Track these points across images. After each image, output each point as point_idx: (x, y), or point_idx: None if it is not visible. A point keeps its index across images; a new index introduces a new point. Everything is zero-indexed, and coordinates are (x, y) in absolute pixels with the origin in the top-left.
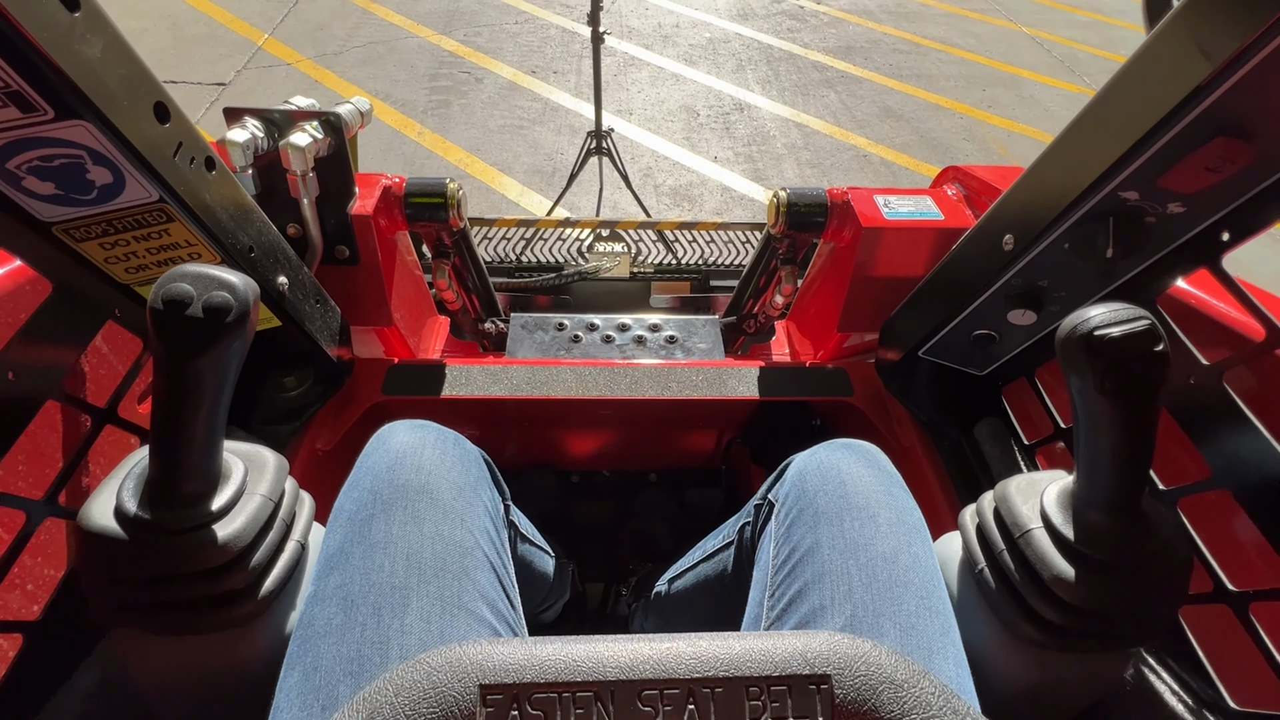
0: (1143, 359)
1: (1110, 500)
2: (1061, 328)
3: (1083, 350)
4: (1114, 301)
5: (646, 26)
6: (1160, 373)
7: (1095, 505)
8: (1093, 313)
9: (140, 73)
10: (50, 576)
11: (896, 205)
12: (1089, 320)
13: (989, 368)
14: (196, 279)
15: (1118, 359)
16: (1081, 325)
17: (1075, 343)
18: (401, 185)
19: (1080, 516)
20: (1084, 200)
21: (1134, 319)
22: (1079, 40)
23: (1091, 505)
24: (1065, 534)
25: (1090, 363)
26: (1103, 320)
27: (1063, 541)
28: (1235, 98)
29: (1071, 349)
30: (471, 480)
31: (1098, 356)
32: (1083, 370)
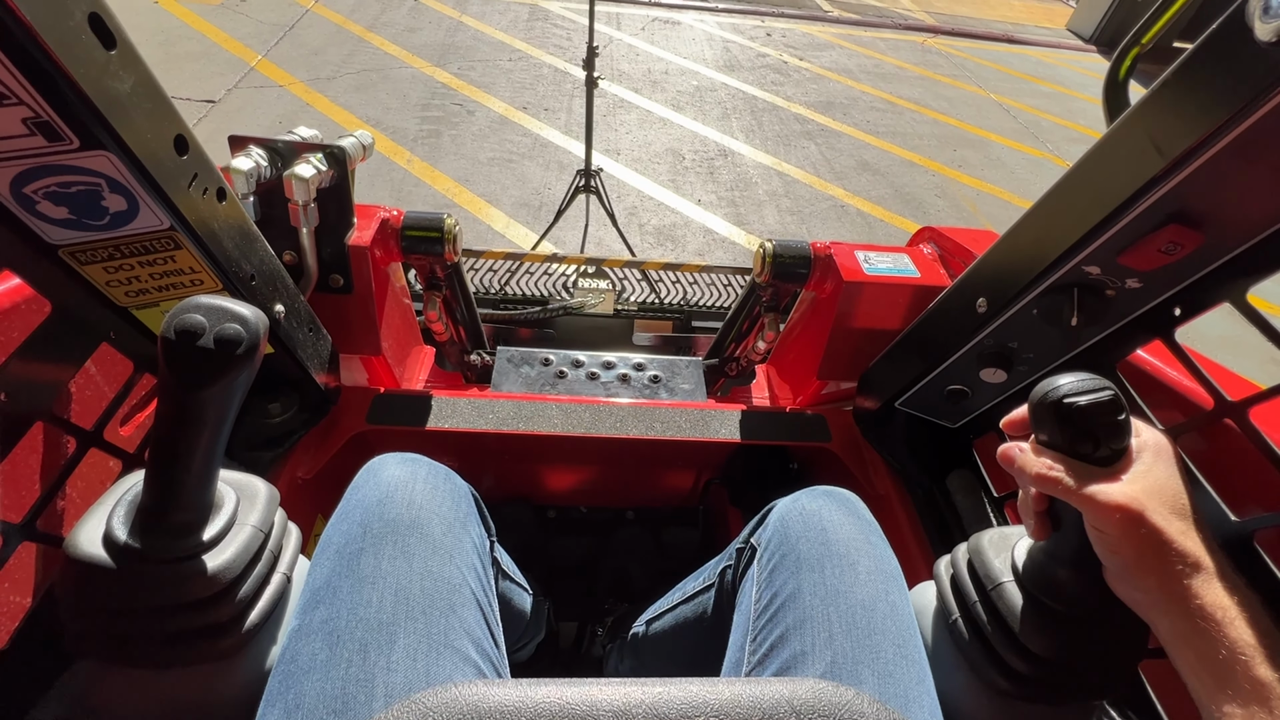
0: (1106, 427)
1: (1075, 558)
2: (1034, 393)
3: (1052, 415)
4: (1081, 371)
5: (637, 71)
6: (1121, 440)
7: (1062, 562)
8: (1062, 381)
9: (165, 107)
10: (18, 604)
11: (876, 261)
12: (1059, 388)
13: (961, 421)
14: (209, 311)
15: (1083, 425)
16: (1052, 392)
17: (1046, 407)
18: (399, 218)
19: (1048, 572)
20: (1051, 271)
21: (1099, 389)
22: (1042, 109)
23: (1059, 561)
24: (1034, 588)
25: (1059, 427)
26: (1071, 388)
27: (1031, 595)
28: (1186, 190)
29: (1042, 413)
30: (461, 516)
31: (1066, 422)
32: (1051, 433)
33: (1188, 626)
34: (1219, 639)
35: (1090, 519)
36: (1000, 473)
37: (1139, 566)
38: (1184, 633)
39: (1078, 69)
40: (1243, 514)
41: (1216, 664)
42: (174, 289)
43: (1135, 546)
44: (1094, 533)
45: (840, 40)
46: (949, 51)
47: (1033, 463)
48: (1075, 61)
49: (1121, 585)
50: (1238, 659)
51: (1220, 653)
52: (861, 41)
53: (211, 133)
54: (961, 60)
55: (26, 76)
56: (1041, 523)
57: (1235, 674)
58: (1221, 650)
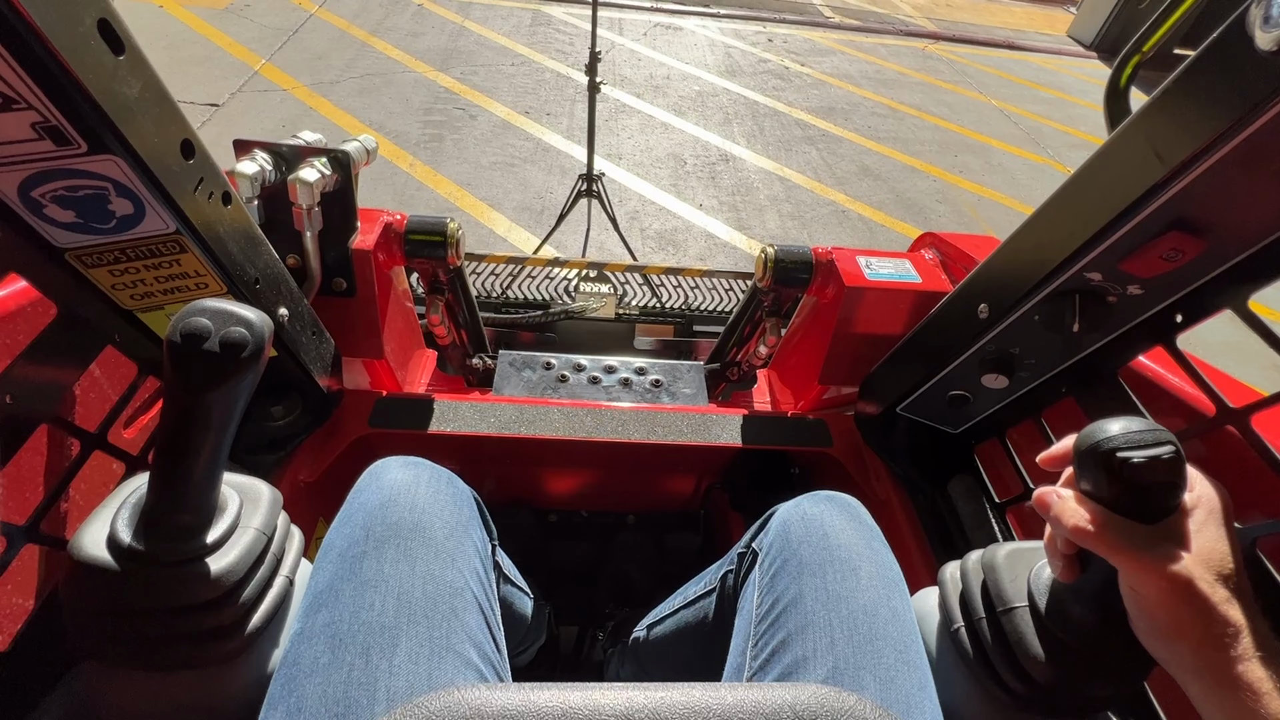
0: (1161, 487)
1: (1099, 600)
2: (1083, 436)
3: (1101, 466)
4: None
5: (639, 76)
6: (1174, 499)
7: (1083, 600)
8: (1114, 428)
9: (172, 112)
10: (21, 606)
11: (878, 266)
12: (1113, 437)
13: (963, 426)
14: (215, 314)
15: (1136, 483)
16: (1106, 441)
17: (1096, 457)
18: (403, 222)
19: (1066, 607)
20: (1053, 278)
21: (1159, 444)
22: (1043, 115)
23: (1079, 598)
24: (1049, 620)
25: (1109, 481)
26: (1127, 440)
27: (1044, 626)
28: (1187, 197)
29: (1090, 461)
30: (463, 520)
31: (1116, 476)
32: (1098, 485)
33: (1222, 695)
34: (1255, 709)
35: (1128, 579)
36: (1002, 478)
37: (1175, 633)
38: (1218, 701)
39: (1078, 75)
40: (1245, 521)
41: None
42: (179, 292)
43: (1175, 614)
44: (1130, 592)
45: (841, 46)
46: (950, 57)
47: (1071, 513)
48: (1076, 68)
49: (1154, 645)
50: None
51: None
52: (863, 47)
53: (215, 136)
54: (963, 66)
55: (36, 81)
56: (1070, 565)
57: None
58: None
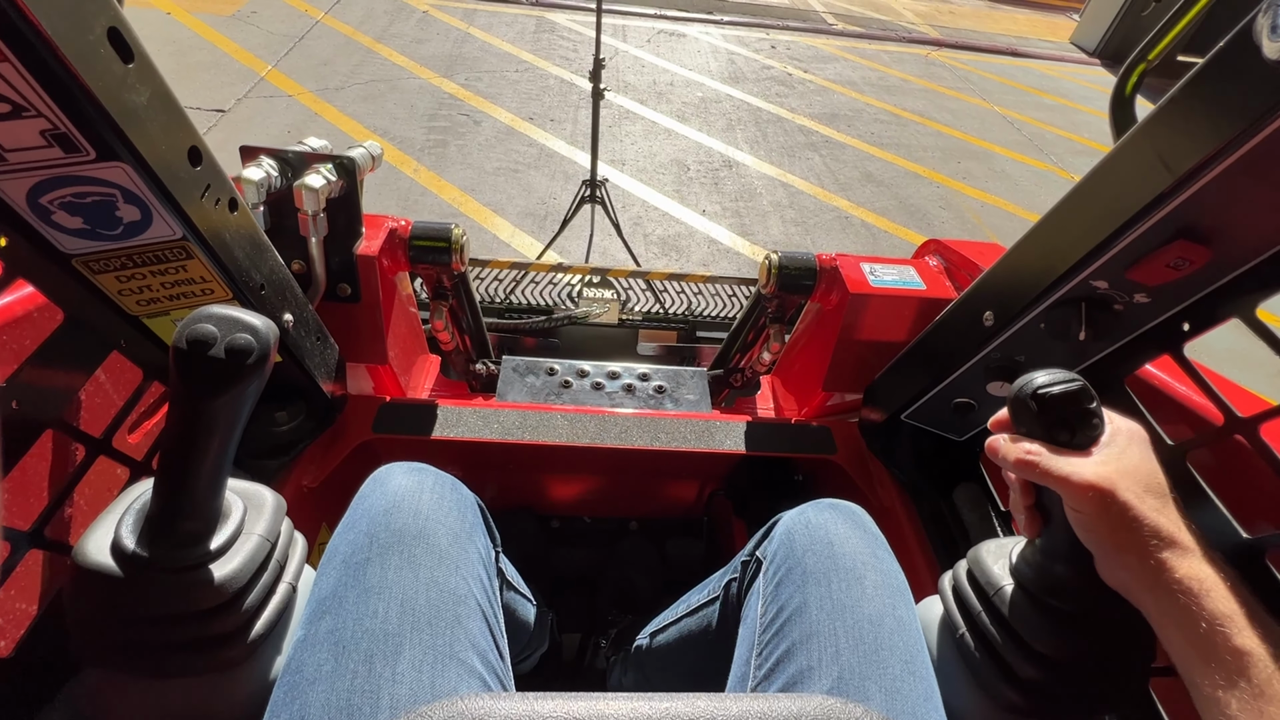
0: (1078, 413)
1: (1069, 552)
2: (1012, 388)
3: (1029, 406)
4: (1054, 368)
5: (642, 83)
6: (1094, 426)
7: (1056, 558)
8: (1037, 375)
9: (179, 119)
10: (24, 611)
11: (882, 273)
12: (1033, 381)
13: (968, 434)
14: (221, 321)
15: (1057, 412)
16: (1027, 385)
17: (1022, 400)
18: (407, 228)
19: (1045, 570)
20: (1058, 286)
21: (1070, 380)
22: (1046, 121)
23: (1053, 558)
24: (1033, 588)
25: (1036, 416)
26: (1045, 381)
27: (1032, 595)
28: (1194, 205)
29: (1019, 405)
30: (467, 527)
31: (1041, 410)
32: (1029, 423)
33: (1168, 602)
34: (1198, 611)
35: (1067, 500)
36: (1007, 487)
37: (1115, 544)
38: (1167, 608)
39: (1082, 82)
40: (1254, 531)
41: (1198, 638)
42: (185, 298)
43: (1109, 523)
44: (1072, 514)
45: (844, 53)
46: (953, 64)
47: (1013, 449)
48: (1079, 75)
49: (1106, 569)
50: (1216, 630)
51: (1200, 626)
52: (866, 54)
53: (221, 141)
54: (966, 73)
55: (45, 89)
56: (1031, 517)
57: (1216, 646)
58: (1201, 623)
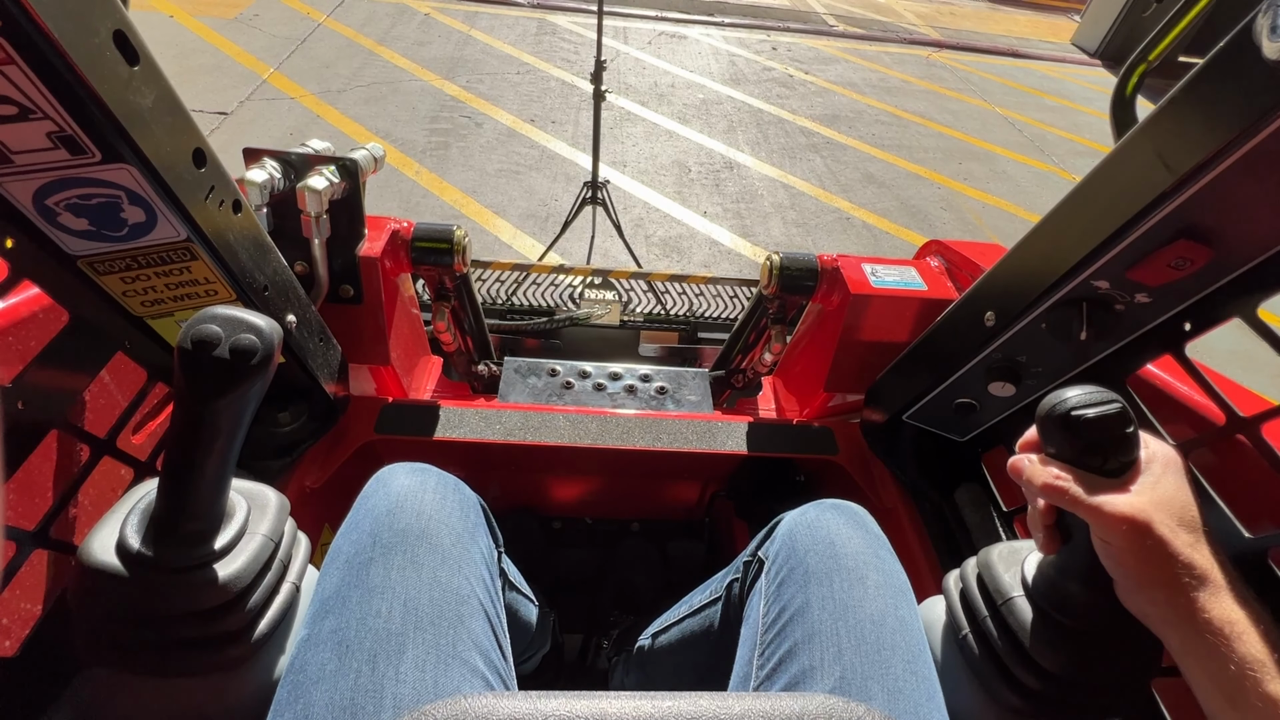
0: (1114, 439)
1: (1086, 572)
2: (1041, 405)
3: (1060, 427)
4: (1089, 384)
5: (643, 85)
6: (1130, 452)
7: (1072, 576)
8: (1070, 393)
9: (184, 121)
10: (29, 611)
11: (883, 274)
12: (1066, 400)
13: (969, 434)
14: (225, 321)
15: (1092, 437)
16: (1060, 404)
17: (1054, 420)
18: (409, 230)
19: (1059, 586)
20: (1060, 286)
21: (1107, 401)
22: (1048, 122)
23: (1069, 576)
24: (1044, 603)
25: (1068, 439)
26: (1079, 401)
27: (1041, 610)
28: (1195, 205)
29: (1050, 425)
30: (470, 527)
31: (1075, 434)
32: (1060, 445)
33: (1196, 641)
34: (1228, 654)
35: (1096, 529)
36: (1009, 487)
37: (1145, 578)
38: (1193, 648)
39: (1083, 83)
40: (1256, 531)
41: (1226, 679)
42: (189, 299)
43: (1141, 558)
44: (1100, 544)
45: (846, 54)
46: (954, 65)
47: (1040, 473)
48: (1080, 75)
49: (1131, 599)
50: (1246, 675)
51: (1230, 668)
52: (867, 55)
53: (224, 144)
54: (967, 74)
55: (52, 92)
56: (1050, 536)
57: (1245, 690)
58: (1231, 665)
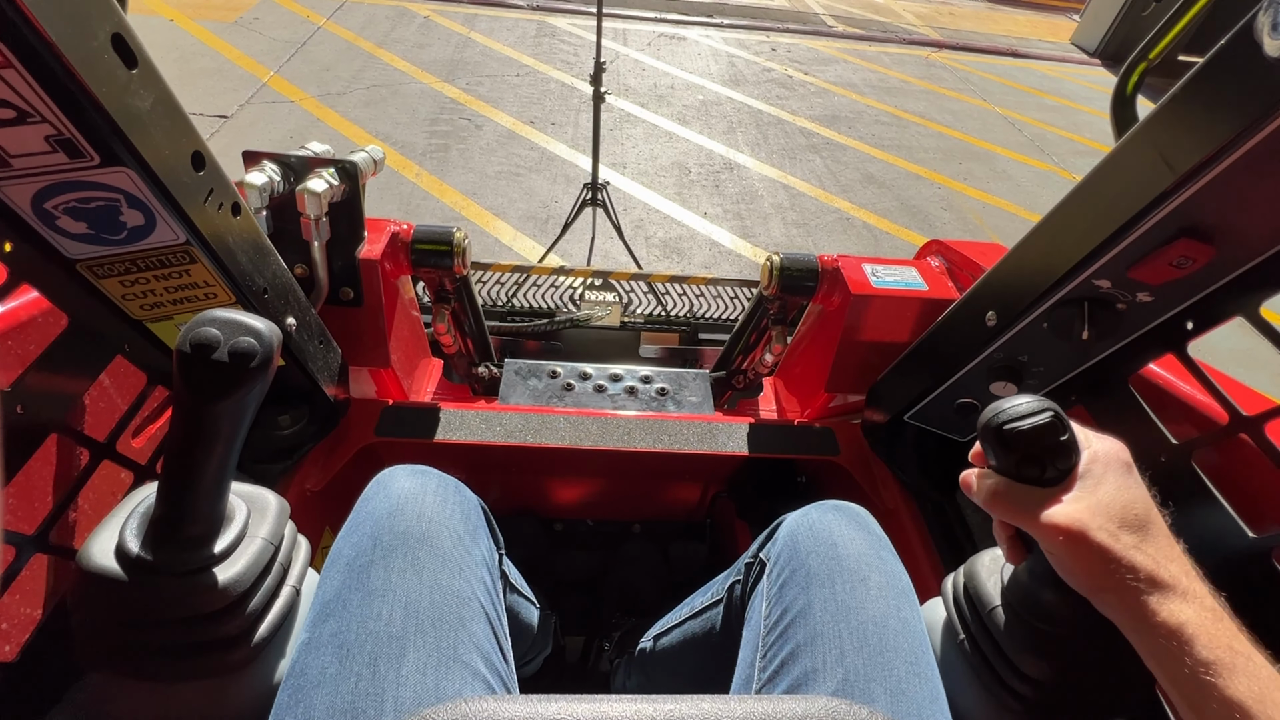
0: (1049, 449)
1: (1054, 578)
2: (980, 418)
3: (994, 440)
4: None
5: (643, 86)
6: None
7: (1043, 583)
8: (1005, 405)
9: (183, 124)
10: (28, 616)
11: (884, 274)
12: (1001, 413)
13: (971, 435)
14: (224, 324)
15: (1026, 450)
16: (995, 418)
17: (989, 433)
18: (409, 232)
19: (1034, 594)
20: (1061, 285)
21: (1040, 411)
22: (1048, 122)
23: (1040, 583)
24: (1021, 611)
25: (1004, 453)
26: (1012, 414)
27: (1020, 618)
28: (1196, 204)
29: (987, 439)
30: (470, 529)
31: (1009, 447)
32: (999, 458)
33: (1152, 644)
34: (1182, 657)
35: (1039, 540)
36: None
37: (1092, 585)
38: (1149, 651)
39: (1083, 82)
40: (1260, 530)
41: (1185, 683)
42: (188, 302)
43: (1084, 566)
44: (1048, 553)
45: (845, 55)
46: (954, 66)
47: (980, 488)
48: (1080, 75)
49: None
50: (1202, 679)
51: (1185, 671)
52: (866, 56)
53: (224, 147)
54: (966, 74)
55: (50, 95)
56: (1013, 546)
57: (1205, 694)
58: (1185, 669)
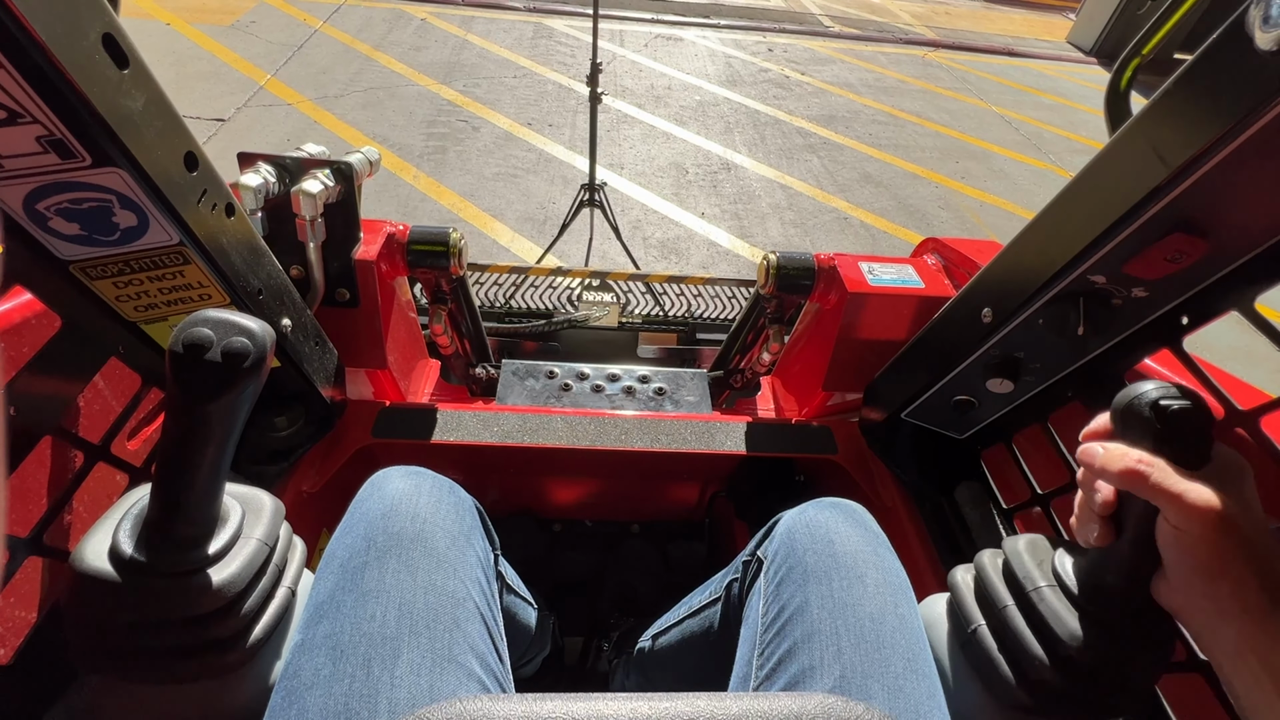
0: (1196, 433)
1: (1128, 565)
2: (1120, 397)
3: (1145, 419)
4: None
5: (640, 87)
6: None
7: (1112, 568)
8: (1148, 386)
9: (175, 124)
10: (23, 619)
11: (880, 272)
12: (1148, 392)
13: (968, 432)
14: (217, 324)
15: (1177, 428)
16: (1143, 395)
17: (1136, 409)
18: (405, 232)
19: (1095, 577)
20: (1056, 281)
21: (1188, 396)
22: (1044, 121)
23: (1107, 568)
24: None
25: (1153, 429)
26: (1163, 394)
27: (1074, 600)
28: (1190, 198)
29: (1131, 416)
30: (465, 529)
31: (1162, 423)
32: (1140, 437)
33: (1259, 636)
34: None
35: (1175, 517)
36: (1009, 484)
37: (1215, 571)
38: (1254, 643)
39: (1079, 81)
40: None
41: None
42: (182, 303)
43: (1219, 549)
44: (1172, 532)
45: (842, 55)
46: (950, 65)
47: (1121, 458)
48: (1076, 74)
49: (1184, 592)
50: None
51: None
52: (863, 56)
53: (221, 150)
54: (963, 73)
55: (41, 95)
56: (1106, 527)
57: None
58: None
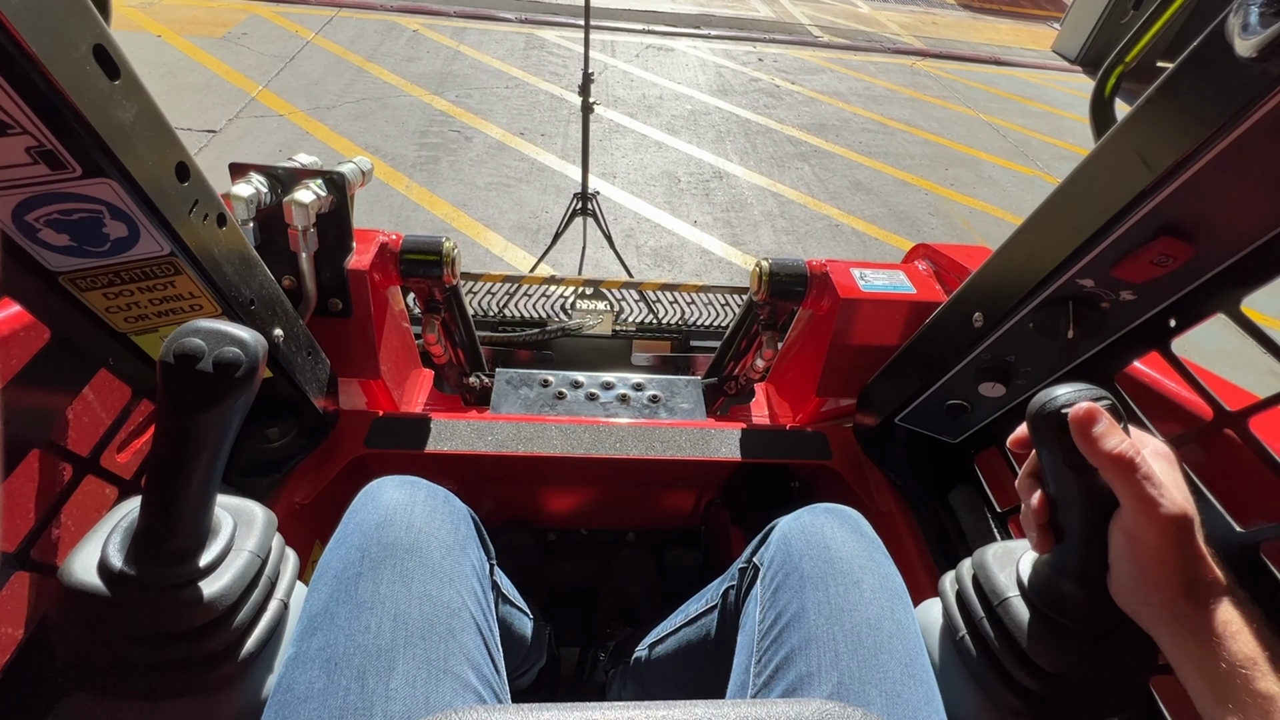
0: None
1: (1080, 571)
2: (1031, 404)
3: (1051, 426)
4: (1078, 381)
5: (631, 97)
6: None
7: (1067, 575)
8: (1059, 391)
9: (166, 135)
10: (10, 635)
11: (872, 278)
12: (1056, 398)
13: (962, 436)
14: (209, 335)
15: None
16: (1050, 403)
17: (1044, 419)
18: (398, 242)
19: (1054, 586)
20: (1045, 285)
21: (1097, 399)
22: (1031, 128)
23: (1064, 575)
24: (1040, 603)
25: (1059, 439)
26: (1068, 399)
27: (1038, 610)
28: (1175, 202)
29: (1040, 425)
30: (460, 539)
31: (1064, 433)
32: (1052, 446)
33: (1189, 639)
34: (1220, 652)
35: (1136, 522)
36: (1002, 488)
37: (1161, 579)
38: (1184, 645)
39: (1064, 89)
40: (1247, 525)
41: (1217, 677)
42: (173, 314)
43: (1165, 559)
44: (1125, 538)
45: (831, 64)
46: (938, 74)
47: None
48: (1062, 81)
49: (1132, 596)
50: (1237, 672)
51: (1221, 666)
52: (852, 65)
53: (212, 161)
54: (950, 82)
55: (31, 106)
56: (1044, 535)
57: (1235, 687)
58: (1222, 664)
